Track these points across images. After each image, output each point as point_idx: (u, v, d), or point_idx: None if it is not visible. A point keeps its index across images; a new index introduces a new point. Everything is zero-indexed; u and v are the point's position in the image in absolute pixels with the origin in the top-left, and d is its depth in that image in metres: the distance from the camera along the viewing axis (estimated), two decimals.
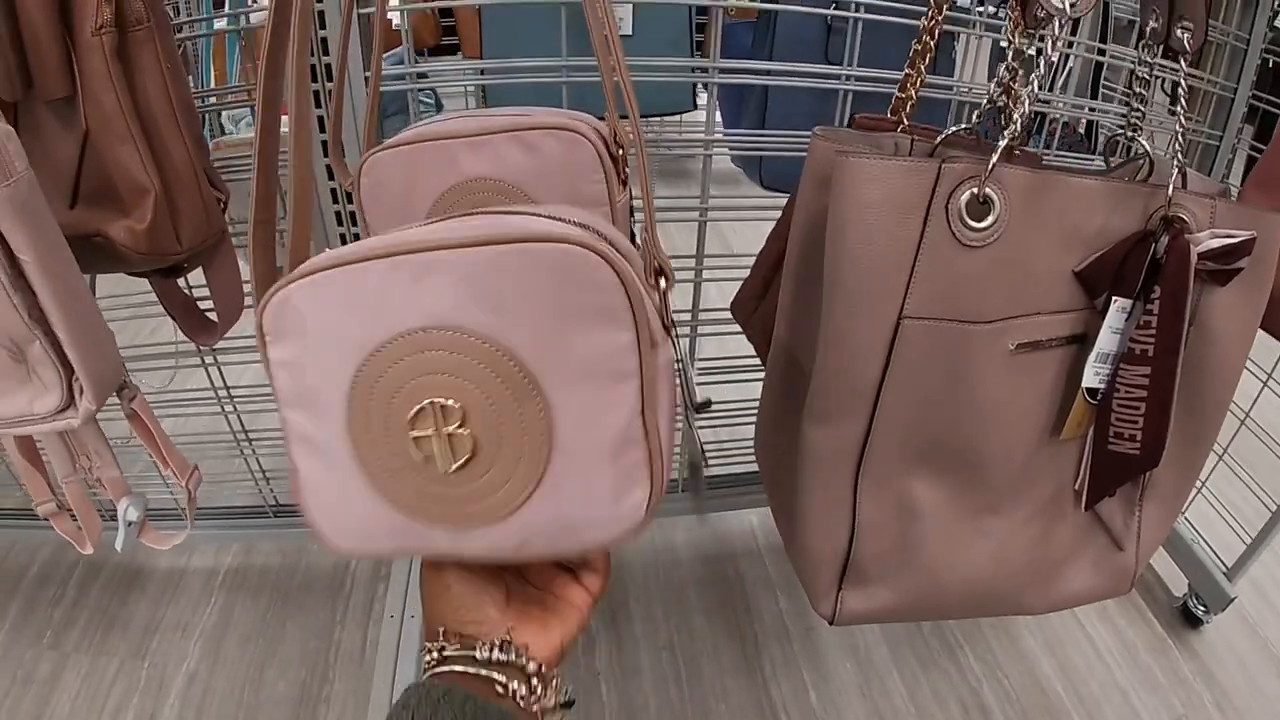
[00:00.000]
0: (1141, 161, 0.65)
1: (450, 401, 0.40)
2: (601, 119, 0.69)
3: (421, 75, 0.87)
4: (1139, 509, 0.70)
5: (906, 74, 0.65)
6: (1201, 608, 1.31)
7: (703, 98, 1.58)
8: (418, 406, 0.40)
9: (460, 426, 0.40)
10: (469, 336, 0.39)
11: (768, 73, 0.94)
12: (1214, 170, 1.23)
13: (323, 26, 0.73)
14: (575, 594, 0.52)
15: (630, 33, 1.27)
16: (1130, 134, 0.65)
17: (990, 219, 0.53)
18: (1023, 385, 0.60)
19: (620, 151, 0.69)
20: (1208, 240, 0.59)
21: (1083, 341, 0.61)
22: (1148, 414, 0.60)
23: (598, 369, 0.41)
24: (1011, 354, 0.58)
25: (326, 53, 0.74)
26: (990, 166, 0.51)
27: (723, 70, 0.88)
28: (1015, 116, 0.53)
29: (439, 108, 2.03)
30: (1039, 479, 0.65)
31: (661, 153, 0.99)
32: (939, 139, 0.59)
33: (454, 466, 0.41)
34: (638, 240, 0.78)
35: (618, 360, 0.41)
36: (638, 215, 0.77)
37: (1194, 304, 0.62)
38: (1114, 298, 0.59)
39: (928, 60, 0.66)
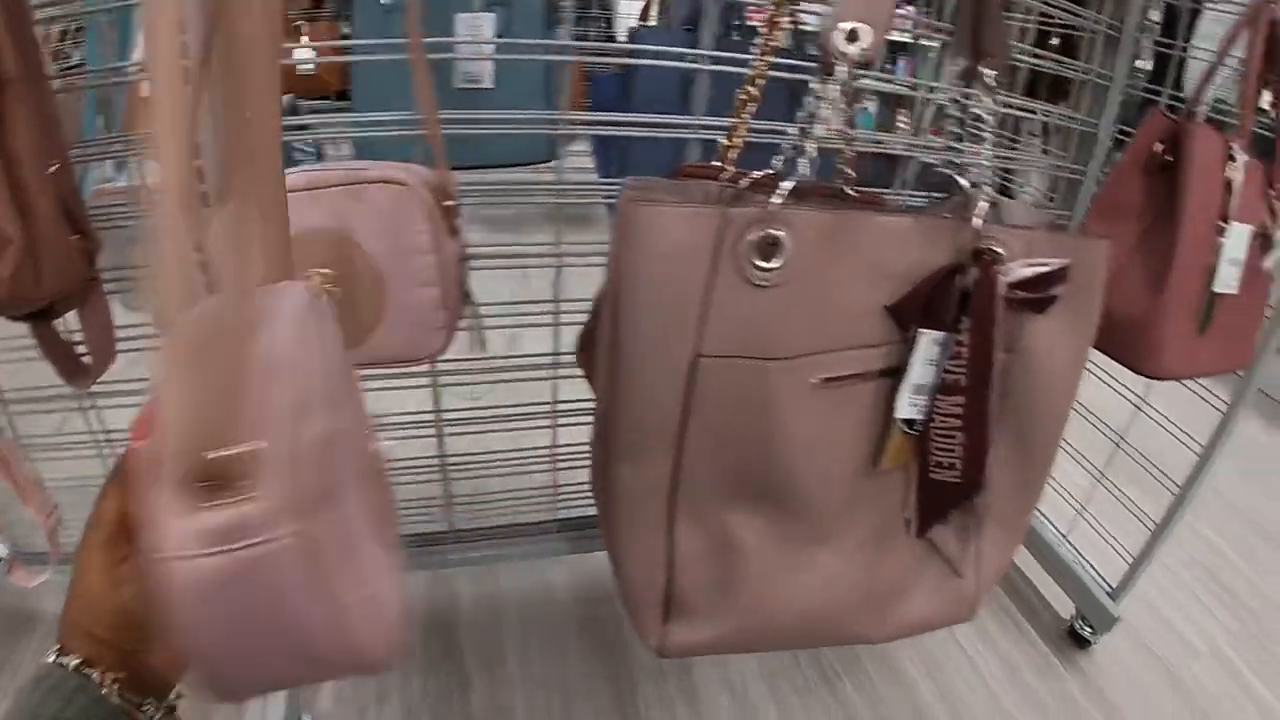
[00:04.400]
0: (968, 197, 0.67)
1: None
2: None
3: (303, 127, 0.89)
4: (976, 535, 0.71)
5: (733, 122, 0.67)
6: (1088, 629, 1.33)
7: (570, 146, 1.65)
8: None
9: None
10: None
11: (624, 124, 0.96)
12: (1079, 203, 1.27)
13: None
14: None
15: (492, 86, 1.29)
16: (951, 171, 0.67)
17: (779, 260, 0.55)
18: (833, 418, 0.60)
19: (448, 203, 0.73)
20: (1019, 270, 0.60)
21: (899, 374, 0.62)
22: (965, 443, 0.61)
23: None
24: (817, 388, 0.59)
25: None
26: (771, 211, 0.53)
27: (571, 121, 0.91)
28: (801, 161, 0.55)
29: (319, 156, 2.03)
30: (865, 509, 0.66)
31: (516, 201, 1.02)
32: (743, 183, 0.60)
33: None
34: (468, 288, 0.80)
35: None
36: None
37: (1014, 333, 0.63)
38: (921, 330, 0.60)
39: (755, 109, 0.67)
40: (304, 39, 2.73)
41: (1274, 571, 1.69)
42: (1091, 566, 1.36)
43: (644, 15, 1.71)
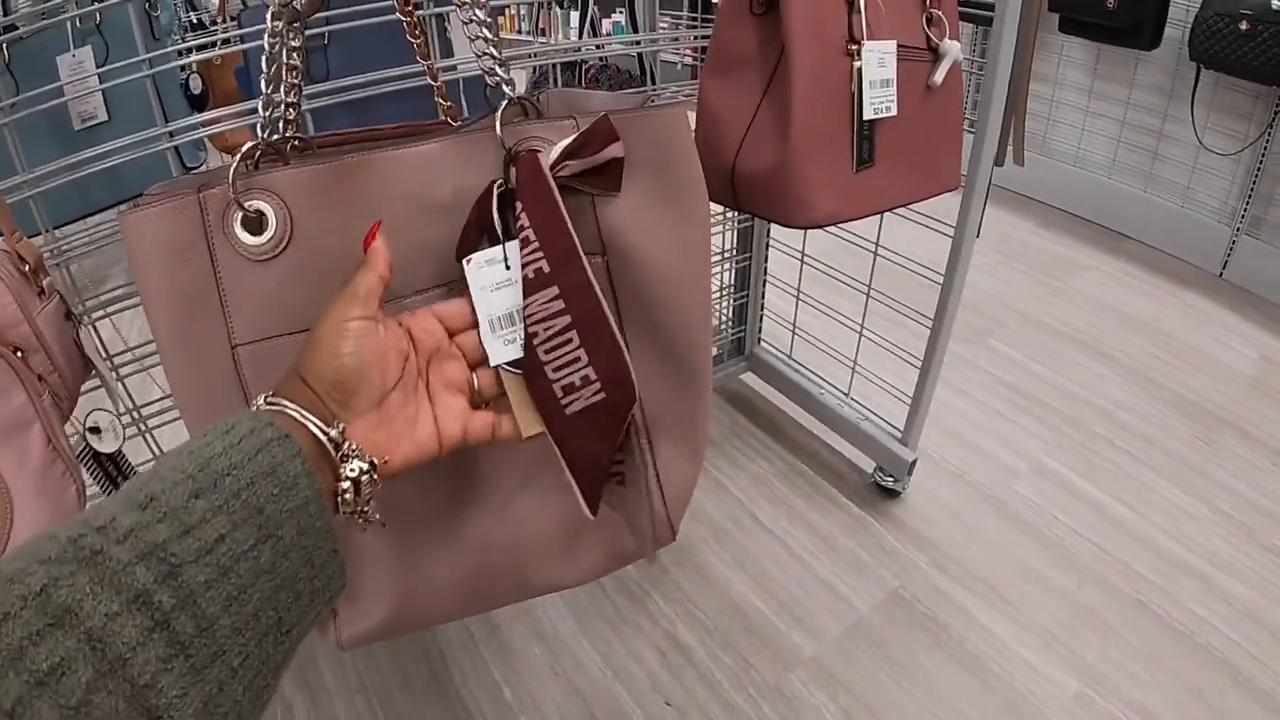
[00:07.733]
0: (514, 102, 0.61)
1: None
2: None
3: None
4: (647, 455, 0.65)
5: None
6: (889, 479, 1.35)
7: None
8: None
9: None
10: None
11: (240, 114, 0.89)
12: None
13: None
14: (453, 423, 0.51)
15: (108, 118, 1.22)
16: (495, 79, 0.61)
17: (270, 230, 0.51)
18: None
19: (27, 266, 0.72)
20: (557, 146, 0.55)
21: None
22: (585, 339, 0.53)
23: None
24: None
25: None
26: (242, 184, 0.50)
27: (174, 132, 0.89)
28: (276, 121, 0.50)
29: None
30: (496, 459, 0.61)
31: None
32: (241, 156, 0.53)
33: None
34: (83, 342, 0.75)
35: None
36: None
37: (596, 231, 0.58)
38: (469, 257, 0.55)
39: (297, 74, 0.60)
40: None
41: (1083, 370, 1.75)
42: (879, 418, 1.38)
43: None
